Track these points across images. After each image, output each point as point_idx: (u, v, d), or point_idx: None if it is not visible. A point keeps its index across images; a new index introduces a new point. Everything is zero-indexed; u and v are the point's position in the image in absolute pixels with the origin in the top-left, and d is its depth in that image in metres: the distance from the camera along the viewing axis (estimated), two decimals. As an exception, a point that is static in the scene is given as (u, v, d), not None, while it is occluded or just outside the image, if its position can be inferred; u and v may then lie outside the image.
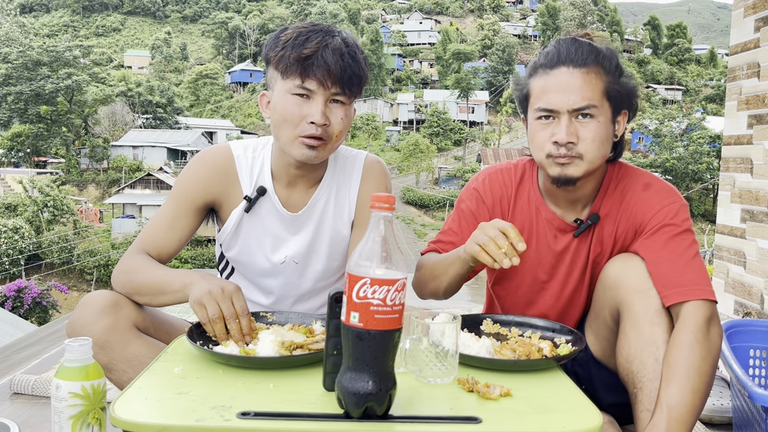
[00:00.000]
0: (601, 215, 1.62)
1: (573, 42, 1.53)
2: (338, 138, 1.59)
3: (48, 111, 44.77)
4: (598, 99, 1.49)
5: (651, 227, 1.54)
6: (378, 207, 0.99)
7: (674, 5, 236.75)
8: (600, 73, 1.50)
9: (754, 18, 3.34)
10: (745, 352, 1.90)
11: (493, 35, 79.45)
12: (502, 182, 1.72)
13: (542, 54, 1.56)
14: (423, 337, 1.18)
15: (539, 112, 1.52)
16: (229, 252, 1.76)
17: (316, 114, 1.52)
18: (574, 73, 1.49)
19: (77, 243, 32.14)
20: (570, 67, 1.49)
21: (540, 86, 1.53)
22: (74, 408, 1.13)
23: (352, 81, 1.54)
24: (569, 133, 1.48)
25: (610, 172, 1.64)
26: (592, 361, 1.66)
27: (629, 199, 1.60)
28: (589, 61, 1.50)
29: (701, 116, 42.10)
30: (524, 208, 1.69)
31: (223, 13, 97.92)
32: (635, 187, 1.61)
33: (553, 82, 1.50)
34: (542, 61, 1.54)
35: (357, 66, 1.54)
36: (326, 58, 1.50)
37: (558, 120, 1.50)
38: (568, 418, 1.04)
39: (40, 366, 2.43)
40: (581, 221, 1.63)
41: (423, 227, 39.04)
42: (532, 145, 1.58)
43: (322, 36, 1.52)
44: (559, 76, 1.50)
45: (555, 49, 1.53)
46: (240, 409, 1.01)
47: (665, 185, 1.61)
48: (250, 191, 1.69)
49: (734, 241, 3.42)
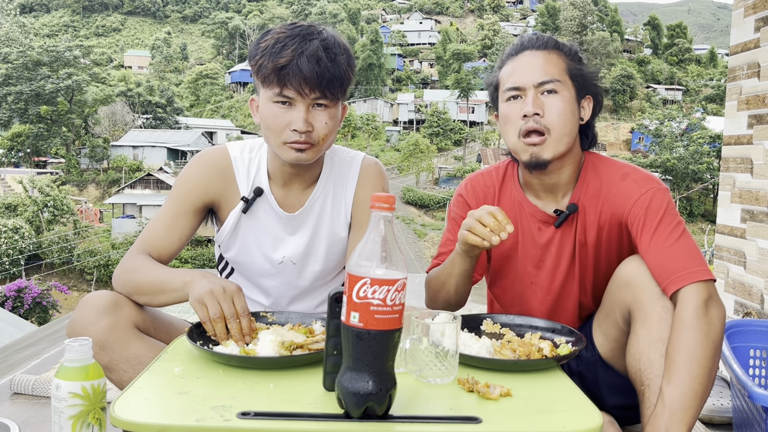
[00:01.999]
0: (581, 205, 1.65)
1: (534, 33, 1.70)
2: (325, 140, 1.59)
3: (48, 111, 44.78)
4: (560, 75, 1.60)
5: (634, 219, 1.55)
6: (378, 207, 0.99)
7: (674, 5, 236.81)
8: (561, 56, 1.63)
9: (754, 18, 3.34)
10: (746, 352, 1.90)
11: (493, 35, 79.52)
12: (484, 184, 1.80)
13: (508, 48, 1.71)
14: (423, 337, 1.18)
15: (507, 92, 1.62)
16: (227, 253, 1.77)
17: (297, 122, 1.53)
18: (537, 54, 1.62)
19: (77, 243, 32.15)
20: (533, 50, 1.63)
21: (507, 71, 1.65)
22: (74, 408, 1.14)
23: (333, 84, 1.53)
24: (535, 105, 1.57)
25: (587, 162, 1.68)
26: (599, 362, 1.66)
27: (608, 189, 1.63)
28: (550, 45, 1.64)
29: (701, 116, 42.13)
30: (508, 205, 1.74)
31: (223, 13, 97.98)
32: (613, 177, 1.64)
33: (518, 64, 1.63)
34: (507, 52, 1.69)
35: (336, 68, 1.52)
36: (301, 67, 1.49)
37: (525, 97, 1.60)
38: (568, 418, 1.04)
39: (40, 366, 2.43)
40: (560, 212, 1.66)
41: (423, 227, 39.05)
42: (504, 129, 1.66)
43: (299, 42, 1.51)
44: (523, 58, 1.63)
45: (519, 40, 1.69)
46: (240, 409, 1.01)
47: (643, 174, 1.63)
48: (247, 192, 1.70)
49: (734, 241, 3.42)
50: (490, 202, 1.76)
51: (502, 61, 1.69)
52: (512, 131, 1.62)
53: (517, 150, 1.62)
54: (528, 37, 1.68)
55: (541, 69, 1.59)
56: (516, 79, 1.61)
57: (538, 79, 1.58)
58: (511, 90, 1.61)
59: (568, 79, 1.61)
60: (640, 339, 1.44)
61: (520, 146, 1.60)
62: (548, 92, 1.58)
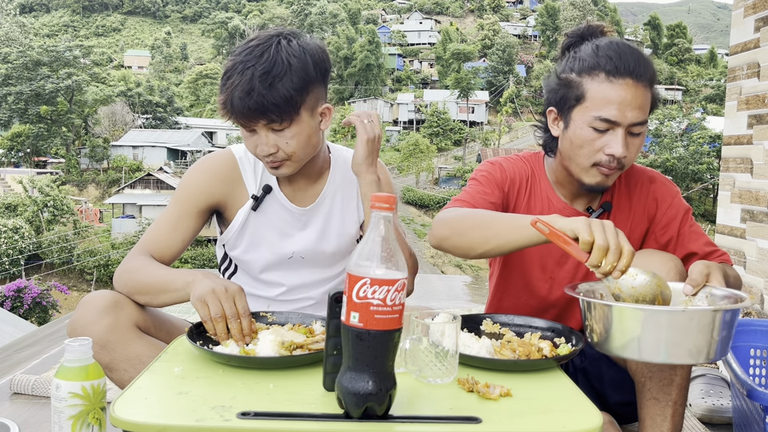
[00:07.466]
0: (614, 204, 1.69)
1: (633, 52, 1.51)
2: (298, 153, 1.58)
3: (48, 111, 44.77)
4: (647, 113, 1.53)
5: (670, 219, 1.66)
6: (378, 207, 0.99)
7: (674, 5, 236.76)
8: (651, 89, 1.53)
9: (754, 18, 3.34)
10: (746, 351, 1.90)
11: (493, 35, 79.48)
12: (517, 169, 1.73)
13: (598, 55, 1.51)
14: (423, 337, 1.18)
15: (598, 121, 1.50)
16: (233, 251, 1.77)
17: (260, 146, 1.57)
18: (639, 88, 1.48)
19: (77, 243, 32.14)
20: (635, 80, 1.48)
21: (602, 94, 1.49)
22: (74, 408, 1.14)
23: (274, 111, 1.49)
24: (626, 147, 1.50)
25: None
26: (603, 358, 1.66)
27: (639, 192, 1.69)
28: (647, 75, 1.50)
29: (701, 116, 42.10)
30: (538, 197, 1.71)
31: (223, 13, 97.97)
32: (642, 179, 1.71)
33: (619, 94, 1.48)
34: (604, 64, 1.50)
35: (273, 94, 1.47)
36: (234, 103, 1.50)
37: (613, 132, 1.50)
38: (568, 419, 1.04)
39: (40, 366, 2.43)
40: (593, 210, 1.69)
41: (423, 227, 39.04)
42: (579, 150, 1.55)
43: (238, 74, 1.49)
44: (626, 88, 1.48)
45: (617, 54, 1.50)
46: (240, 409, 1.01)
47: (665, 177, 1.74)
48: (256, 190, 1.72)
49: (734, 241, 3.42)
50: (523, 183, 1.71)
51: (591, 70, 1.51)
52: (587, 157, 1.54)
53: (581, 173, 1.57)
54: (630, 59, 1.49)
55: (640, 108, 1.49)
56: (613, 113, 1.48)
57: (635, 119, 1.49)
58: (604, 122, 1.49)
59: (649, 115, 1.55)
60: None
61: (589, 171, 1.56)
62: (636, 132, 1.52)
